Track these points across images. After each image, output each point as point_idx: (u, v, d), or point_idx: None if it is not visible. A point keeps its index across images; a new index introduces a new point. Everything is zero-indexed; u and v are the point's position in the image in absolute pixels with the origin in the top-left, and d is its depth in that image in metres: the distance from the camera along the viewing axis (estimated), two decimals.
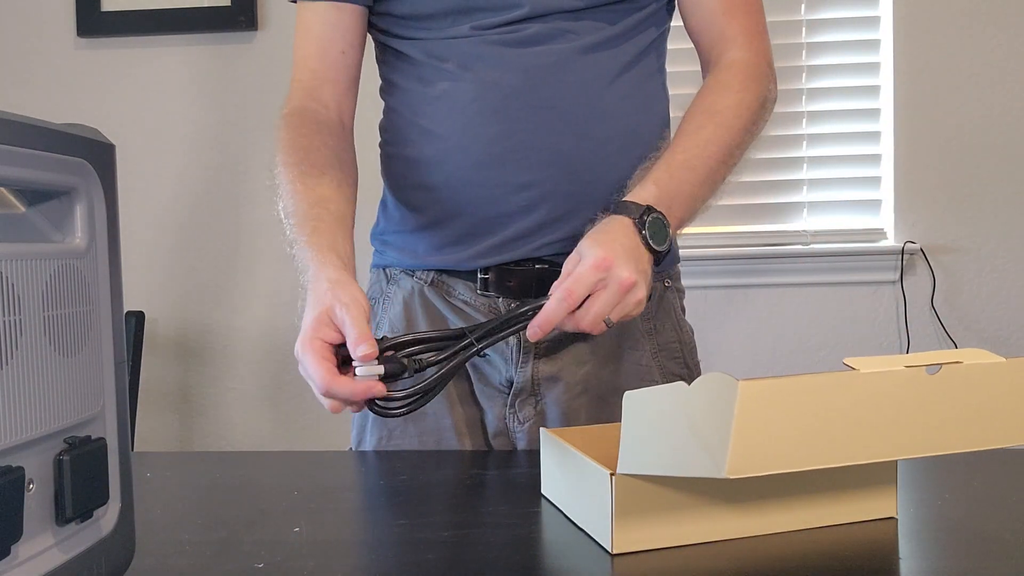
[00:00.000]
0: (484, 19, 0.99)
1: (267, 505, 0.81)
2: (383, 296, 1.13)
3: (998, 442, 0.62)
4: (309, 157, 1.01)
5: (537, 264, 1.03)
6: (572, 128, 0.99)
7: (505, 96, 0.98)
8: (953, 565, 0.65)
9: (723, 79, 1.02)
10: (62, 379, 0.52)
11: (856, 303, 2.16)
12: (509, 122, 0.99)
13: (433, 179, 1.03)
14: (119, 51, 2.23)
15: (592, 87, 1.00)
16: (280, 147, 1.04)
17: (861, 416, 0.58)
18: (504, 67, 0.98)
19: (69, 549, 0.53)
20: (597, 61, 1.00)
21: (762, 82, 1.03)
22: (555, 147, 0.99)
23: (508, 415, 1.05)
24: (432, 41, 1.02)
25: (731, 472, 0.54)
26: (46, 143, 0.51)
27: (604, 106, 1.00)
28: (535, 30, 0.99)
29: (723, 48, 1.04)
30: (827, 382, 0.56)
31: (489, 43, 0.99)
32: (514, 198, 1.00)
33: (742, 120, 1.00)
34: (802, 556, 0.66)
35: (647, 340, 1.07)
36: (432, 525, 0.75)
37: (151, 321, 2.18)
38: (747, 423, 0.54)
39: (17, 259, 0.49)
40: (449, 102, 1.01)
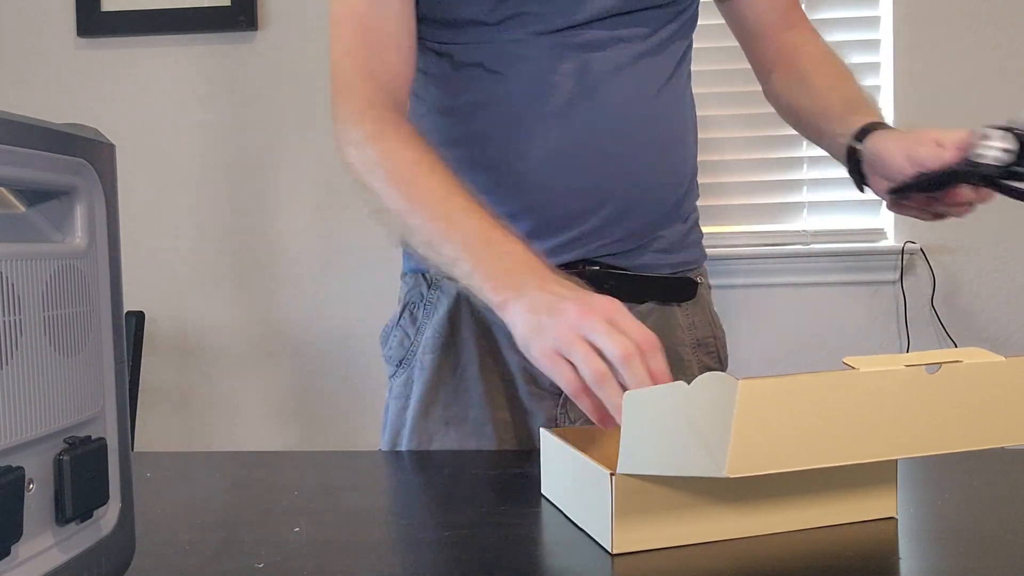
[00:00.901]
0: (541, 23, 0.99)
1: (267, 505, 0.81)
2: (423, 302, 1.10)
3: (998, 441, 0.62)
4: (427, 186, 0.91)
5: (589, 266, 1.03)
6: (625, 132, 1.00)
7: (564, 100, 0.99)
8: (953, 565, 0.65)
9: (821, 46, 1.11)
10: (62, 379, 0.52)
11: (856, 303, 2.16)
12: (568, 126, 0.99)
13: (488, 183, 1.01)
14: (119, 51, 2.23)
15: (643, 93, 1.02)
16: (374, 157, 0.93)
17: (861, 415, 0.58)
18: (561, 72, 0.99)
19: (69, 549, 0.53)
20: (646, 68, 1.02)
21: None
22: (611, 151, 1.00)
23: (559, 415, 1.05)
24: (485, 44, 1.01)
25: (731, 471, 0.54)
26: (46, 143, 0.51)
27: (653, 111, 1.02)
28: (592, 35, 0.99)
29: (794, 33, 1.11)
30: (827, 381, 0.56)
31: (546, 47, 0.99)
32: (574, 202, 1.01)
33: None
34: (802, 556, 0.66)
35: (688, 335, 1.09)
36: (432, 525, 0.75)
37: (151, 321, 2.18)
38: (747, 422, 0.54)
39: (17, 259, 0.49)
40: (507, 106, 1.00)
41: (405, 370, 1.10)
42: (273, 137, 2.22)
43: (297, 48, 2.19)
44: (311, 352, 2.24)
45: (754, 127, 2.16)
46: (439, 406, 1.06)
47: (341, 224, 2.21)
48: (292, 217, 2.22)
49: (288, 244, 2.23)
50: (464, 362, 1.06)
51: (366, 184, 0.94)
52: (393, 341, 1.12)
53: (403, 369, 1.10)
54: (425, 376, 1.07)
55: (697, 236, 1.15)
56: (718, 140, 2.18)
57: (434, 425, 1.06)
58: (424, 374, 1.07)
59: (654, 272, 1.07)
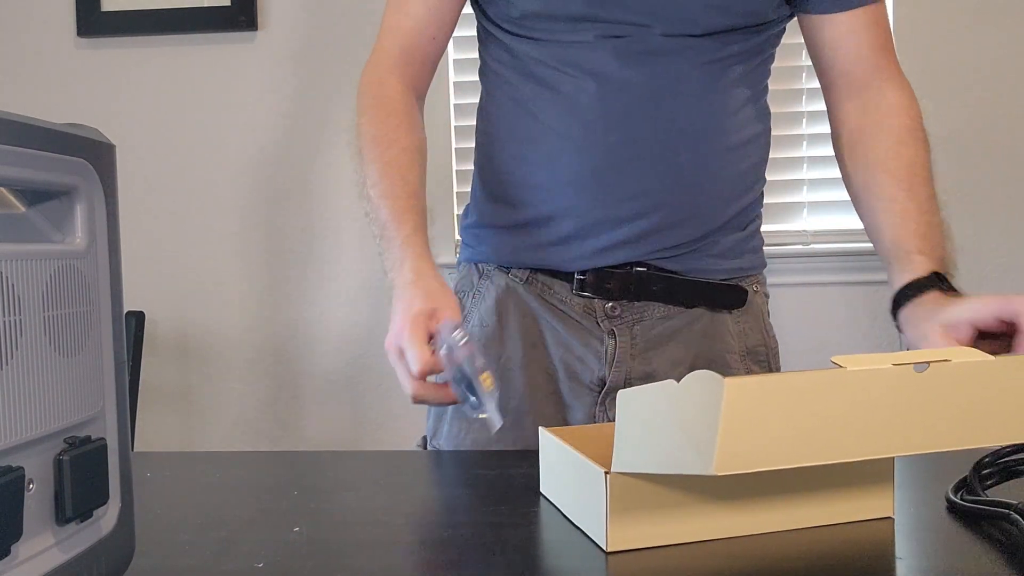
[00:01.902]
0: (610, 30, 1.00)
1: (267, 505, 0.81)
2: (473, 290, 1.13)
3: (987, 440, 0.61)
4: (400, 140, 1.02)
5: (637, 267, 1.04)
6: (687, 141, 1.01)
7: (628, 104, 1.00)
8: (952, 565, 0.65)
9: (907, 124, 1.04)
10: (62, 379, 0.52)
11: (856, 303, 2.16)
12: (630, 130, 1.00)
13: (542, 178, 1.04)
14: (119, 51, 2.23)
15: (708, 102, 1.02)
16: (368, 118, 1.04)
17: (849, 414, 0.57)
18: (629, 76, 1.00)
19: (69, 549, 0.53)
20: (714, 77, 1.02)
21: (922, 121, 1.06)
22: (671, 158, 1.00)
23: (598, 412, 1.06)
24: (551, 43, 1.02)
25: (719, 469, 0.54)
26: (46, 143, 0.51)
27: (717, 121, 1.02)
28: (658, 44, 1.00)
29: (884, 86, 1.06)
30: (814, 380, 0.56)
31: (614, 51, 1.00)
32: (626, 205, 1.02)
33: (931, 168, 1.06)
34: (798, 555, 0.66)
35: (737, 343, 1.08)
36: (431, 525, 0.75)
37: (151, 321, 2.18)
38: (734, 420, 0.54)
39: (17, 259, 0.49)
40: (570, 104, 1.01)
41: None
42: (273, 137, 2.22)
43: (297, 48, 2.19)
44: (311, 352, 2.24)
45: None
46: None
47: (342, 224, 2.21)
48: (293, 216, 2.22)
49: (288, 244, 2.23)
50: (508, 353, 1.07)
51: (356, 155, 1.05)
52: None
53: None
54: None
55: (757, 243, 1.14)
56: None
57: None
58: None
59: (706, 277, 1.07)
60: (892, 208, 1.00)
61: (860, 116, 1.06)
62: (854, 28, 1.05)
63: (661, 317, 1.06)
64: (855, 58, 1.05)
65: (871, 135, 1.04)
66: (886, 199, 1.00)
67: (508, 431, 1.06)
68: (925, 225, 0.98)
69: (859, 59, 1.05)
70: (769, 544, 0.69)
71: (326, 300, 2.23)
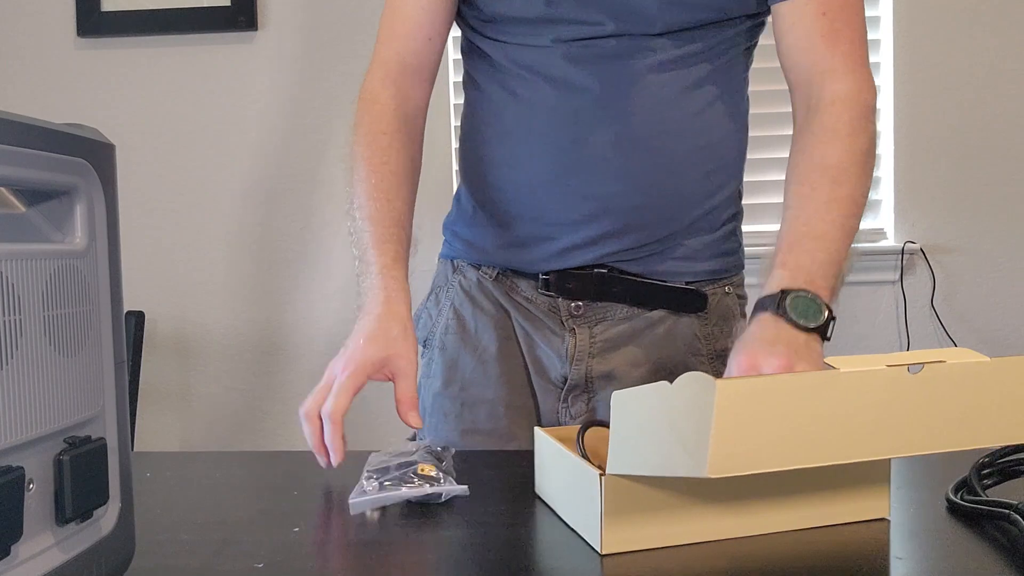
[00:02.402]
0: (567, 32, 1.00)
1: (267, 505, 0.81)
2: (447, 284, 1.14)
3: (982, 442, 0.61)
4: (389, 163, 1.02)
5: (598, 269, 1.04)
6: (644, 143, 1.00)
7: (581, 108, 0.99)
8: (952, 565, 0.65)
9: (828, 123, 0.94)
10: (62, 379, 0.52)
11: (856, 303, 2.16)
12: (583, 133, 1.00)
13: (504, 180, 1.05)
14: (119, 51, 2.23)
15: (666, 103, 1.00)
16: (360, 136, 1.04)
17: (842, 416, 0.57)
18: (584, 79, 0.99)
19: (69, 549, 0.53)
20: (673, 78, 1.00)
21: (871, 119, 0.96)
22: (626, 160, 1.00)
23: (560, 409, 1.07)
24: (513, 46, 1.03)
25: (712, 472, 0.54)
26: (46, 143, 0.51)
27: (677, 122, 1.01)
28: (615, 45, 0.99)
29: (824, 83, 0.96)
30: (807, 382, 0.56)
31: (569, 55, 1.00)
32: (583, 207, 1.02)
33: (857, 167, 0.92)
34: (794, 556, 0.66)
35: (704, 345, 1.08)
36: (431, 525, 0.75)
37: (151, 321, 2.18)
38: (727, 423, 0.54)
39: (17, 259, 0.49)
40: (527, 108, 1.02)
41: (429, 350, 1.13)
42: (273, 137, 2.22)
43: (297, 48, 2.19)
44: (311, 352, 2.24)
45: (754, 127, 2.16)
46: (457, 385, 1.09)
47: (342, 224, 2.21)
48: (292, 217, 2.22)
49: (288, 244, 2.23)
50: (484, 344, 1.09)
51: None
52: (420, 322, 1.16)
53: (427, 349, 1.14)
54: (447, 356, 1.10)
55: (732, 246, 1.12)
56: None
57: (451, 403, 1.09)
58: (444, 354, 1.11)
59: (670, 280, 1.06)
60: (785, 214, 0.93)
61: (804, 112, 0.98)
62: (800, 18, 0.97)
63: (623, 318, 1.06)
64: (800, 50, 0.98)
65: (800, 132, 0.97)
66: (787, 198, 0.94)
67: (485, 421, 1.07)
68: (801, 235, 0.89)
69: (803, 51, 0.98)
70: (763, 545, 0.69)
71: (326, 300, 2.23)
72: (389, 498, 0.79)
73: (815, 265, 0.87)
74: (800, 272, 0.86)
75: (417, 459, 0.84)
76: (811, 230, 0.89)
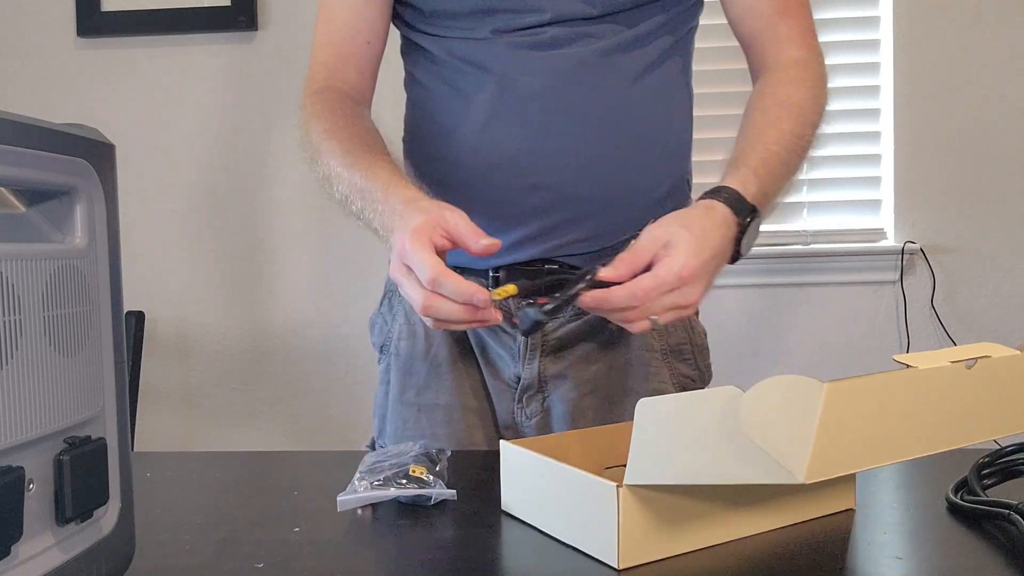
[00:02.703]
0: (505, 22, 0.99)
1: (267, 505, 0.81)
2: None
3: None
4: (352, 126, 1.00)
5: (548, 264, 1.03)
6: (591, 132, 0.99)
7: (524, 99, 0.99)
8: (952, 565, 0.65)
9: (792, 74, 1.00)
10: (62, 379, 0.52)
11: (856, 303, 2.16)
12: (528, 125, 0.99)
13: (450, 177, 1.03)
14: (119, 51, 2.23)
15: (612, 91, 1.00)
16: (316, 119, 1.01)
17: (916, 411, 0.60)
18: (524, 70, 0.99)
19: (69, 549, 0.53)
20: (617, 64, 1.00)
21: (825, 81, 1.02)
22: (573, 150, 0.99)
23: (516, 410, 1.06)
24: (453, 40, 1.02)
25: (809, 477, 0.54)
26: (46, 143, 0.51)
27: (624, 110, 1.00)
28: (555, 34, 0.98)
29: (781, 48, 1.02)
30: (895, 380, 0.58)
31: (509, 46, 0.99)
32: (529, 199, 1.00)
33: (817, 116, 0.98)
34: (793, 552, 0.67)
35: (657, 341, 1.07)
36: (433, 525, 0.75)
37: (151, 321, 2.18)
38: (828, 425, 0.54)
39: (17, 259, 0.49)
40: (468, 102, 1.01)
41: (386, 356, 1.12)
42: (273, 137, 2.22)
43: (297, 48, 2.19)
44: (310, 352, 2.24)
45: None
46: (412, 391, 1.08)
47: (339, 225, 2.21)
48: (291, 217, 2.22)
49: (287, 244, 2.24)
50: (435, 349, 1.07)
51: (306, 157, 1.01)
52: (375, 328, 1.15)
53: (384, 355, 1.12)
54: (400, 362, 1.09)
55: None
56: (719, 140, 2.18)
57: (408, 410, 1.07)
58: (399, 360, 1.09)
59: None
60: (747, 132, 0.96)
61: (761, 70, 1.04)
62: None
63: (574, 315, 1.04)
64: (754, 17, 1.03)
65: (762, 78, 1.03)
66: (748, 125, 0.97)
67: (442, 426, 1.05)
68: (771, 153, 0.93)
69: (757, 17, 1.03)
70: (763, 545, 0.69)
71: (326, 300, 2.23)
72: (376, 497, 0.79)
73: (771, 193, 0.92)
74: (763, 194, 0.90)
75: (410, 460, 0.83)
76: (780, 154, 0.93)
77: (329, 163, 0.96)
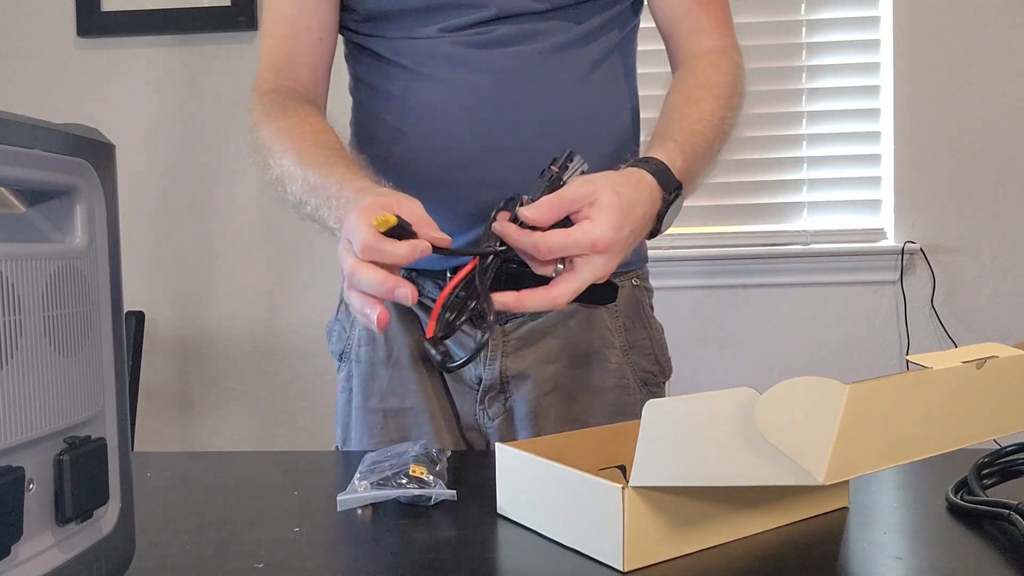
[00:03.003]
0: (451, 19, 0.98)
1: (267, 505, 0.81)
2: None
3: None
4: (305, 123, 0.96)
5: (509, 263, 1.02)
6: (542, 128, 0.99)
7: (476, 98, 0.98)
8: (952, 565, 0.65)
9: (711, 60, 1.01)
10: (62, 379, 0.52)
11: (856, 303, 2.16)
12: (480, 123, 0.98)
13: (403, 179, 1.00)
14: (119, 51, 2.23)
15: (561, 87, 1.00)
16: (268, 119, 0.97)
17: (932, 411, 0.60)
18: (474, 69, 0.98)
19: (69, 549, 0.53)
20: (566, 62, 1.00)
21: (743, 72, 1.02)
22: (526, 147, 0.98)
23: (478, 411, 1.05)
24: (399, 40, 1.01)
25: (828, 478, 0.54)
26: (46, 143, 0.51)
27: (573, 106, 1.00)
28: (503, 31, 0.98)
29: (699, 38, 1.03)
30: (912, 381, 0.58)
31: (458, 44, 0.99)
32: (486, 197, 0.99)
33: (736, 100, 0.98)
34: (792, 549, 0.67)
35: (617, 338, 1.07)
36: (433, 525, 0.75)
37: (151, 321, 2.18)
38: (847, 426, 0.54)
39: (17, 259, 0.49)
40: (419, 103, 1.00)
41: (346, 363, 1.11)
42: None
43: None
44: (310, 352, 2.24)
45: (754, 127, 2.16)
46: (376, 397, 1.07)
47: None
48: (292, 216, 2.22)
49: (288, 244, 2.23)
50: (396, 353, 1.06)
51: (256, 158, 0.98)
52: (334, 335, 1.13)
53: (344, 363, 1.11)
54: (362, 369, 1.08)
55: None
56: None
57: (373, 417, 1.06)
58: (361, 367, 1.08)
59: None
60: (670, 112, 0.96)
61: (681, 60, 1.05)
62: None
63: (533, 314, 1.03)
64: (672, 7, 1.04)
65: (682, 66, 1.03)
66: (670, 107, 0.97)
67: (409, 430, 1.05)
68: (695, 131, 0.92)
69: (677, 7, 1.04)
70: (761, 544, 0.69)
71: (325, 300, 2.23)
72: (376, 497, 0.79)
73: (694, 172, 0.91)
74: (687, 172, 0.88)
75: (410, 460, 0.83)
76: (703, 132, 0.92)
77: (282, 163, 0.93)
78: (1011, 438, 0.74)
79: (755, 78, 1.15)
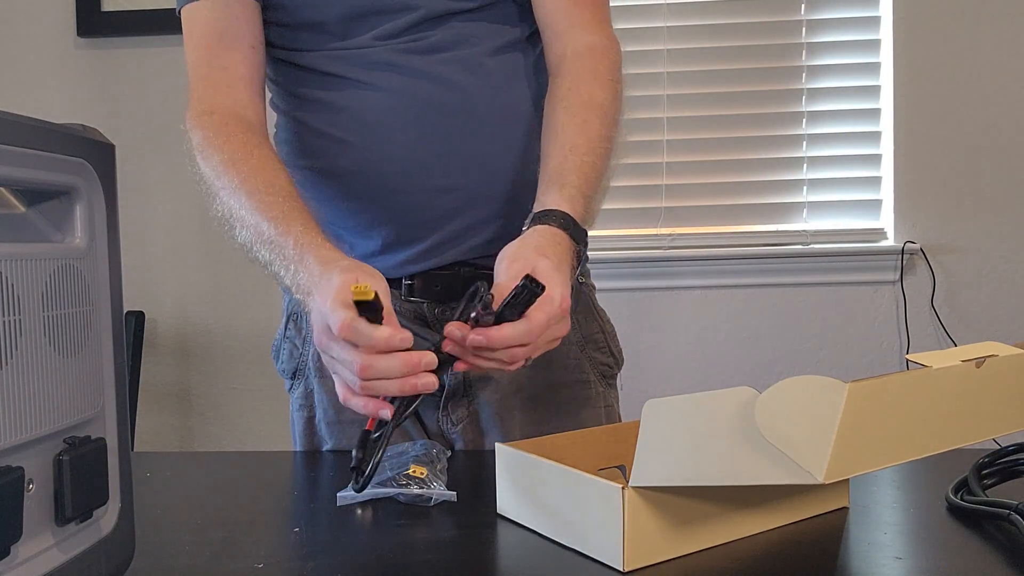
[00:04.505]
0: (382, 25, 0.98)
1: (267, 505, 0.82)
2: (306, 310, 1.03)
3: None
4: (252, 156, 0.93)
5: (463, 267, 1.02)
6: (486, 131, 0.99)
7: (420, 104, 0.98)
8: (952, 565, 0.65)
9: (590, 66, 0.99)
10: (62, 379, 0.52)
11: (856, 303, 2.16)
12: (427, 128, 0.98)
13: (353, 190, 1.01)
14: (119, 51, 2.23)
15: (501, 90, 1.00)
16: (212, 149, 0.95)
17: (932, 409, 0.60)
18: (415, 75, 0.98)
19: (69, 549, 0.53)
20: (502, 64, 1.01)
21: (620, 69, 1.02)
22: (473, 150, 0.99)
23: (441, 418, 1.04)
24: (333, 51, 1.00)
25: (828, 477, 0.54)
26: (46, 143, 0.51)
27: (513, 107, 1.01)
28: (440, 37, 0.98)
29: (575, 35, 1.01)
30: (912, 379, 0.59)
31: (395, 52, 0.98)
32: (440, 202, 0.99)
33: (618, 112, 0.98)
34: (791, 549, 0.67)
35: (573, 333, 1.07)
36: (433, 525, 0.75)
37: (151, 321, 2.18)
38: (847, 425, 0.54)
39: (17, 259, 0.49)
40: (363, 112, 0.99)
41: (301, 380, 1.10)
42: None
43: None
44: None
45: (754, 127, 2.16)
46: (349, 411, 1.05)
47: None
48: None
49: None
50: None
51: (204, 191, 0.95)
52: (283, 354, 1.13)
53: (299, 380, 1.10)
54: (328, 384, 1.03)
55: None
56: (718, 140, 2.18)
57: (350, 429, 1.04)
58: (327, 382, 1.05)
59: None
60: (559, 138, 0.94)
61: (558, 58, 1.02)
62: None
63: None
64: (551, 5, 1.02)
65: (558, 76, 1.01)
66: (558, 128, 0.96)
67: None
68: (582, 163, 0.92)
69: (555, 7, 1.02)
70: (761, 544, 0.69)
71: None
72: (376, 494, 0.79)
73: (591, 210, 0.91)
74: (586, 212, 0.90)
75: (410, 460, 0.83)
76: (594, 163, 0.93)
77: (229, 203, 0.90)
78: (1011, 438, 0.74)
79: (755, 78, 1.15)
